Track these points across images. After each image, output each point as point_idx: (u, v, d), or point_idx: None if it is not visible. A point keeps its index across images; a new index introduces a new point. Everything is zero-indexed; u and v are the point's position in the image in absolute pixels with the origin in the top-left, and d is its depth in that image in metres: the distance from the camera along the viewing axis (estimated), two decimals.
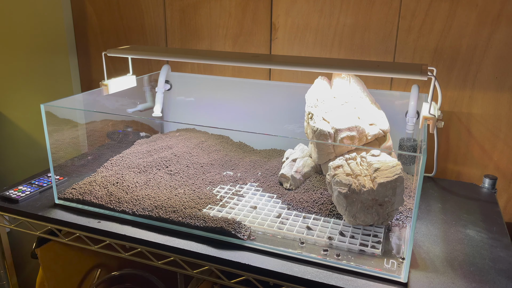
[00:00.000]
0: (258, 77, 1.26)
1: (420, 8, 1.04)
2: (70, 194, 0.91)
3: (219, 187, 0.96)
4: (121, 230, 0.82)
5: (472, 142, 1.08)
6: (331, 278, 0.69)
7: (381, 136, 0.94)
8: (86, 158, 1.13)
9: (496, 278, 0.70)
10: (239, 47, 1.25)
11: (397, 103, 1.04)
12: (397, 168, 0.77)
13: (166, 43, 1.34)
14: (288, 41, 1.19)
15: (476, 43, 1.01)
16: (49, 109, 0.87)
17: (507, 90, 1.02)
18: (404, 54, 1.08)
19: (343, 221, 0.82)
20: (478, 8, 0.99)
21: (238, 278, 0.74)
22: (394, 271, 0.70)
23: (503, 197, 1.08)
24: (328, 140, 0.90)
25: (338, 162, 0.83)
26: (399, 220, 0.83)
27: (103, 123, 1.18)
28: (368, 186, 0.75)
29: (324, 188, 0.91)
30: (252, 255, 0.74)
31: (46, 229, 0.90)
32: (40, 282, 1.03)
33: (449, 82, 1.06)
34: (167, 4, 1.29)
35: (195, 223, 0.80)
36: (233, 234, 0.77)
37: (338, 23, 1.12)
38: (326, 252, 0.74)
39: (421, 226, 0.85)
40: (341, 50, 1.14)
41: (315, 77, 1.05)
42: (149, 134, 1.26)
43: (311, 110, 0.94)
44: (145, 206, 0.86)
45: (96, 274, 1.06)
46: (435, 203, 0.95)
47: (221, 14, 1.23)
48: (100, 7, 1.38)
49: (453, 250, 0.77)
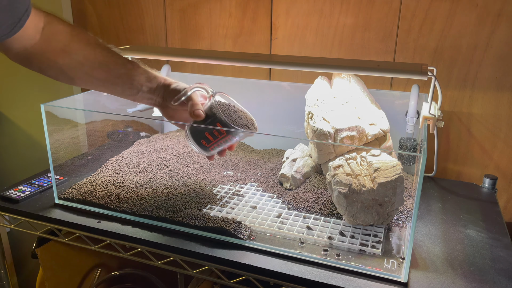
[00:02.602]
0: (258, 77, 1.26)
1: (420, 8, 1.04)
2: (70, 194, 0.91)
3: (219, 187, 0.96)
4: (121, 230, 0.82)
5: (472, 142, 1.08)
6: (331, 278, 0.69)
7: (381, 136, 0.94)
8: (86, 158, 1.13)
9: (496, 278, 0.70)
10: (239, 47, 1.25)
11: (397, 103, 1.04)
12: (397, 168, 0.77)
13: (166, 43, 1.34)
14: (288, 41, 1.19)
15: (476, 43, 1.01)
16: (49, 109, 0.87)
17: (507, 90, 1.02)
18: (404, 54, 1.08)
19: (343, 221, 0.82)
20: (478, 8, 0.99)
21: (238, 278, 0.74)
22: (394, 271, 0.70)
23: (503, 197, 1.08)
24: (328, 140, 0.90)
25: (338, 162, 0.83)
26: (399, 220, 0.83)
27: (103, 123, 1.18)
28: (368, 186, 0.75)
29: (324, 188, 0.91)
30: (252, 255, 0.74)
31: (46, 229, 0.90)
32: (40, 282, 1.03)
33: (449, 82, 1.06)
34: (167, 4, 1.29)
35: (195, 223, 0.80)
36: (233, 234, 0.77)
37: (338, 23, 1.12)
38: (326, 252, 0.74)
39: (421, 226, 0.85)
40: (341, 50, 1.14)
41: (315, 77, 1.05)
42: (149, 134, 1.26)
43: (311, 110, 0.94)
44: (145, 206, 0.86)
45: (96, 274, 1.06)
46: (435, 203, 0.95)
47: (221, 14, 1.23)
48: (100, 7, 1.38)
49: (453, 250, 0.77)
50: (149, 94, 0.81)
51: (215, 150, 0.82)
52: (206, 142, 0.80)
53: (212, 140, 0.80)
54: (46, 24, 0.71)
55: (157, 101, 0.82)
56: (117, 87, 0.79)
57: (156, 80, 0.81)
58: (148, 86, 0.80)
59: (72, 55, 0.74)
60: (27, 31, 0.67)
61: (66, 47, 0.73)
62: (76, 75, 0.76)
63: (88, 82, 0.78)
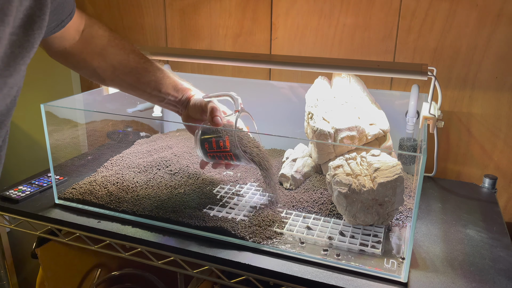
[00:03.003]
0: (258, 77, 1.26)
1: (420, 8, 1.04)
2: (70, 194, 0.91)
3: (219, 187, 0.96)
4: (121, 230, 0.82)
5: (472, 142, 1.08)
6: (331, 278, 0.69)
7: (381, 136, 0.94)
8: (86, 158, 1.13)
9: (496, 278, 0.70)
10: (239, 47, 1.25)
11: (397, 103, 1.04)
12: (397, 168, 0.77)
13: (166, 43, 1.34)
14: (288, 41, 1.19)
15: (476, 43, 1.01)
16: (49, 109, 0.87)
17: (507, 90, 1.02)
18: (404, 54, 1.08)
19: (343, 221, 0.82)
20: (478, 8, 0.99)
21: (238, 278, 0.74)
22: (394, 271, 0.70)
23: (503, 197, 1.08)
24: (328, 140, 0.90)
25: (338, 162, 0.83)
26: (399, 220, 0.83)
27: (103, 123, 1.18)
28: (368, 186, 0.75)
29: (324, 188, 0.91)
30: (252, 255, 0.74)
31: (46, 229, 0.90)
32: (40, 282, 1.03)
33: (449, 82, 1.06)
34: (167, 4, 1.29)
35: (195, 223, 0.80)
36: (233, 234, 0.77)
37: (338, 23, 1.12)
38: (326, 252, 0.74)
39: (421, 226, 0.85)
40: (341, 50, 1.14)
41: (315, 77, 1.05)
42: (149, 134, 1.26)
43: (311, 110, 0.94)
44: (145, 206, 0.86)
45: (96, 274, 1.06)
46: (435, 203, 0.95)
47: (221, 14, 1.23)
48: (100, 7, 1.38)
49: (453, 250, 0.77)
50: (174, 103, 0.85)
51: (212, 159, 0.85)
52: (209, 147, 0.82)
53: (214, 148, 0.82)
54: (86, 27, 0.75)
55: (181, 110, 0.87)
56: (145, 92, 0.83)
57: (182, 92, 0.85)
58: (174, 96, 0.84)
59: (107, 59, 0.78)
60: (69, 30, 0.71)
61: (103, 51, 0.77)
62: (108, 77, 0.80)
63: (118, 85, 0.84)
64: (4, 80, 0.48)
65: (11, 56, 0.47)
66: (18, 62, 0.49)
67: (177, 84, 0.84)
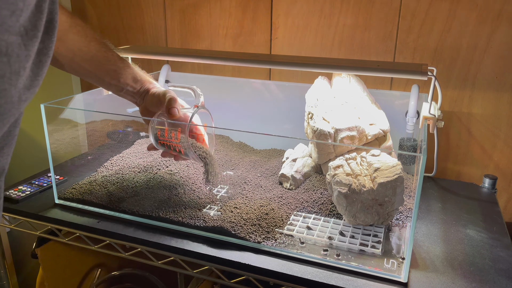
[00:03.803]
0: (258, 77, 1.26)
1: (420, 8, 1.04)
2: (70, 194, 0.91)
3: (219, 187, 0.95)
4: (121, 230, 0.82)
5: (472, 142, 1.08)
6: (331, 278, 0.69)
7: (381, 136, 0.94)
8: (86, 158, 1.13)
9: (496, 278, 0.70)
10: (239, 47, 1.25)
11: (397, 103, 1.04)
12: (397, 168, 0.77)
13: (166, 43, 1.34)
14: (288, 41, 1.19)
15: (476, 43, 1.01)
16: (49, 109, 0.87)
17: (507, 90, 1.02)
18: (404, 54, 1.08)
19: (343, 221, 0.82)
20: (478, 8, 0.99)
21: (238, 278, 0.74)
22: (394, 271, 0.70)
23: (503, 197, 1.08)
24: (328, 140, 0.90)
25: (338, 162, 0.83)
26: (399, 220, 0.83)
27: (103, 123, 1.18)
28: (368, 186, 0.75)
29: (324, 188, 0.91)
30: (252, 255, 0.74)
31: (46, 229, 0.90)
32: (40, 282, 1.03)
33: (449, 82, 1.06)
34: (167, 4, 1.29)
35: (195, 223, 0.80)
36: (233, 234, 0.77)
37: (338, 23, 1.12)
38: (326, 252, 0.74)
39: (421, 226, 0.85)
40: (341, 50, 1.14)
41: (315, 77, 1.05)
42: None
43: (311, 110, 0.94)
44: (145, 206, 0.86)
45: (96, 274, 1.06)
46: (435, 203, 0.95)
47: (221, 14, 1.23)
48: (100, 7, 1.38)
49: (453, 250, 0.77)
50: (133, 93, 0.86)
51: (162, 146, 0.86)
52: (161, 134, 0.84)
53: (165, 137, 0.84)
54: None
55: (139, 102, 0.88)
56: (103, 81, 0.84)
57: (141, 83, 0.86)
58: (132, 86, 0.85)
59: (66, 44, 0.76)
60: None
61: (63, 36, 0.75)
62: (66, 62, 0.79)
63: (76, 71, 0.83)
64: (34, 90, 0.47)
65: (39, 65, 0.46)
66: (44, 71, 0.48)
67: (136, 76, 0.85)
